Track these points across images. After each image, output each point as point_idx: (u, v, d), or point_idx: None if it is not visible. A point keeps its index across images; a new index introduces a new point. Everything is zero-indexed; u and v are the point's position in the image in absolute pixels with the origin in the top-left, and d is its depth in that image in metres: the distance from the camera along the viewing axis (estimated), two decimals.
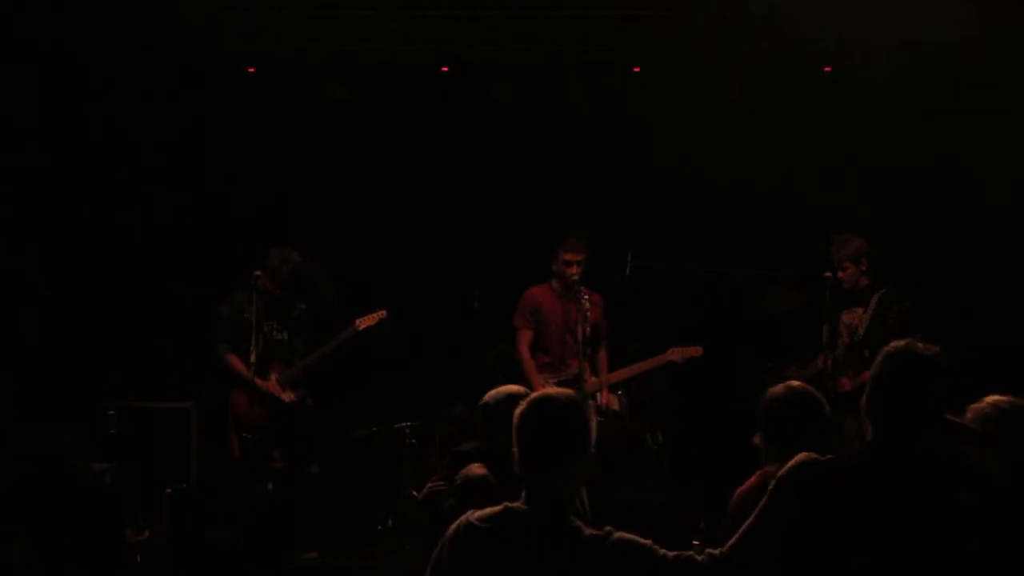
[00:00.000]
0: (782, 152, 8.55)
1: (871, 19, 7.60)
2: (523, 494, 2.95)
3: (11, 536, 5.64)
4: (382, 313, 7.62)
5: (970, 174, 8.05)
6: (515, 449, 2.96)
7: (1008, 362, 7.65)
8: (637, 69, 8.55)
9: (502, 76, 8.56)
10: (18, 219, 8.21)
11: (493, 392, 4.35)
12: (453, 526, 2.99)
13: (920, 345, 3.12)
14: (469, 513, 2.98)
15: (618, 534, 2.89)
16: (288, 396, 7.49)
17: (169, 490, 6.51)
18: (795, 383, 3.87)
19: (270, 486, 7.24)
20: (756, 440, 3.92)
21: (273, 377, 7.46)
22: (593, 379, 7.60)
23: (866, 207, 8.23)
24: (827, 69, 8.41)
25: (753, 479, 3.83)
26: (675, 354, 7.66)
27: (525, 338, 7.65)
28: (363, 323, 7.57)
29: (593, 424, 3.02)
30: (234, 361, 7.38)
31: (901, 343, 3.14)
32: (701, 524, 7.18)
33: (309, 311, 7.60)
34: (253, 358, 7.13)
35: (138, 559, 6.73)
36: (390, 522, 7.60)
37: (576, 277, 7.44)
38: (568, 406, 2.98)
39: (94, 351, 8.08)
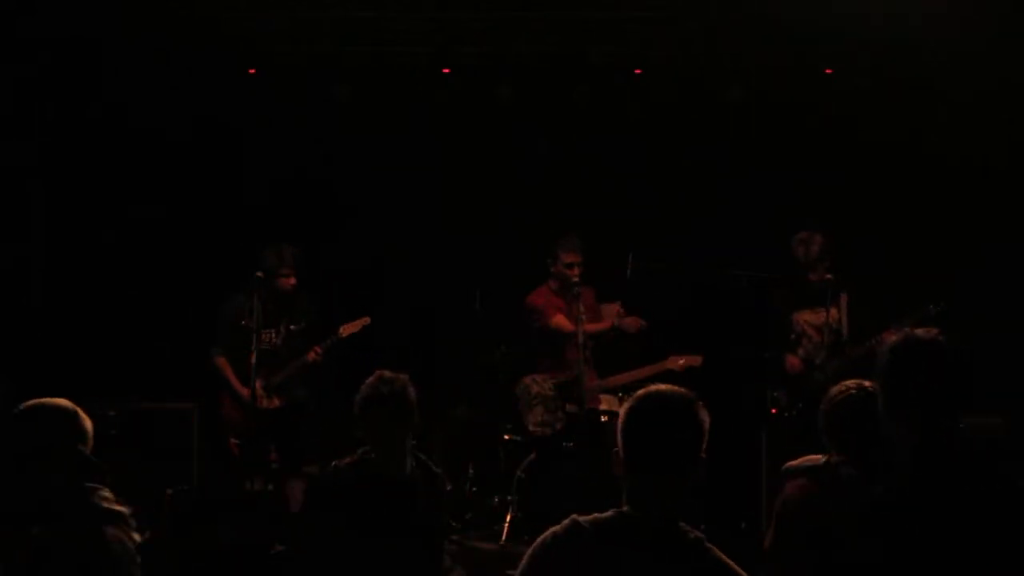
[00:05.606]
0: (782, 152, 8.55)
1: (871, 19, 7.61)
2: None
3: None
4: (366, 320, 7.48)
5: (970, 174, 8.06)
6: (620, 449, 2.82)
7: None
8: (639, 71, 8.55)
9: (503, 77, 8.56)
10: (19, 220, 8.21)
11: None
12: (554, 530, 2.78)
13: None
14: (573, 517, 2.80)
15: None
16: (271, 403, 7.42)
17: (169, 490, 6.51)
18: (852, 383, 3.89)
19: (268, 487, 7.22)
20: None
21: (259, 384, 7.29)
22: (596, 381, 7.60)
23: (867, 207, 8.23)
24: (828, 71, 8.41)
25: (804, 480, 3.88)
26: (674, 362, 7.53)
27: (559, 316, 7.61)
28: (347, 330, 7.41)
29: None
30: (222, 365, 7.36)
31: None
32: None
33: (306, 329, 7.51)
34: (253, 359, 7.09)
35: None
36: None
37: (577, 279, 7.44)
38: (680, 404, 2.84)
39: (95, 352, 8.07)
